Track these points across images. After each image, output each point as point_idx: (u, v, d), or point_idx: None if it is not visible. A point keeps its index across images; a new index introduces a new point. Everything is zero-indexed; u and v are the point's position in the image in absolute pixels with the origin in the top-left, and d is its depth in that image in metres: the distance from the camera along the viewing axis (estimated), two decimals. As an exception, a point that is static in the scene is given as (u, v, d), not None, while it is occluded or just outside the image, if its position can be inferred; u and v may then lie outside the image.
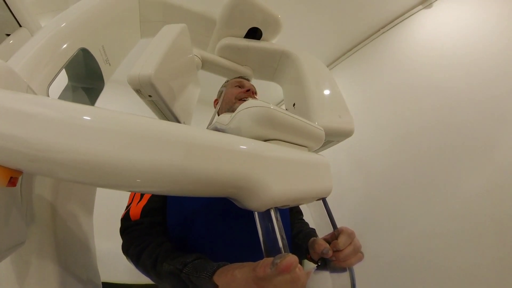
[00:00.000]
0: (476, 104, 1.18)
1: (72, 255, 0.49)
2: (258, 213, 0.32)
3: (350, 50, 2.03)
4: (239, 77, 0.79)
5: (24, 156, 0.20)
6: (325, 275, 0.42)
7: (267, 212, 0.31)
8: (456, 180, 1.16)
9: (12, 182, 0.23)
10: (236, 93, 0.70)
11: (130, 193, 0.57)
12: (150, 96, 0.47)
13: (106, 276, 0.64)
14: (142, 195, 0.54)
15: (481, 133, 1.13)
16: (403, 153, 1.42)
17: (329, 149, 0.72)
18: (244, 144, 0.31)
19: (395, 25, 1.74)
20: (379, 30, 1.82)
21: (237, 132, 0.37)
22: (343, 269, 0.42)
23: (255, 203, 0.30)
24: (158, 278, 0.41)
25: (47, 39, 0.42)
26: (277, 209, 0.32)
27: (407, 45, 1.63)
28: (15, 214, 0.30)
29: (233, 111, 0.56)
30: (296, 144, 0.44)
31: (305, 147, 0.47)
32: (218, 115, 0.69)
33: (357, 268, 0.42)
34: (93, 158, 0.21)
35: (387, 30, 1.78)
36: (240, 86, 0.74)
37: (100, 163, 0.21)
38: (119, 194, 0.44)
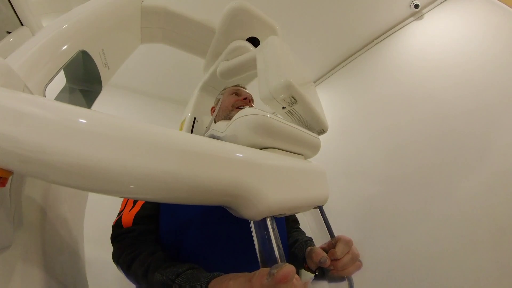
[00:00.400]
0: (467, 112, 1.22)
1: (59, 261, 0.47)
2: (254, 222, 0.31)
3: (345, 60, 2.08)
4: (236, 85, 0.79)
5: (16, 156, 0.19)
6: (323, 285, 0.42)
7: (263, 221, 0.31)
8: (451, 186, 1.18)
9: (1, 182, 0.22)
10: (233, 101, 0.70)
11: (122, 199, 0.56)
12: (294, 101, 0.42)
13: (95, 285, 0.62)
14: (135, 202, 0.53)
15: (473, 140, 1.16)
16: (398, 161, 1.44)
17: (324, 158, 0.72)
18: (240, 152, 0.31)
19: (388, 36, 1.79)
20: (373, 41, 1.87)
21: (233, 140, 0.37)
22: (341, 279, 0.41)
23: (251, 212, 0.30)
24: None
25: (47, 39, 0.42)
26: (273, 218, 0.32)
27: (400, 56, 1.68)
28: (2, 215, 0.29)
29: (229, 118, 0.56)
30: (292, 152, 0.44)
31: (301, 155, 0.47)
32: (215, 122, 0.69)
33: (355, 277, 0.41)
34: (87, 162, 0.20)
35: (381, 41, 1.83)
36: (237, 94, 0.74)
37: (93, 167, 0.20)
38: (111, 200, 0.43)
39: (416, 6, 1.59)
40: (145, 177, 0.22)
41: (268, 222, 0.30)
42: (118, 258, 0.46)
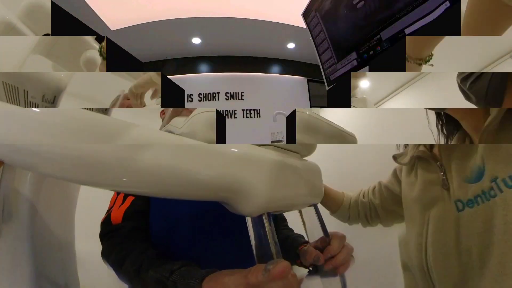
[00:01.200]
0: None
1: (49, 257, 0.46)
2: (251, 218, 0.31)
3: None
4: None
5: (6, 146, 0.19)
6: (317, 281, 0.42)
7: (260, 217, 0.31)
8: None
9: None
10: None
11: (111, 197, 0.55)
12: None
13: (87, 282, 0.61)
14: (124, 198, 0.52)
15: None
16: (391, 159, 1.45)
17: (319, 156, 0.73)
18: (236, 147, 0.31)
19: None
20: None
21: (192, 137, 0.36)
22: (334, 274, 0.41)
23: (248, 208, 0.30)
24: (142, 287, 0.39)
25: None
26: (270, 214, 0.32)
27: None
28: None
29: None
30: (288, 150, 0.44)
31: (297, 153, 0.47)
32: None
33: (348, 274, 0.42)
34: (79, 154, 0.20)
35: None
36: None
37: (85, 159, 0.20)
38: (104, 195, 0.42)
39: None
40: (139, 170, 0.22)
41: (265, 218, 0.31)
42: (108, 256, 0.45)
